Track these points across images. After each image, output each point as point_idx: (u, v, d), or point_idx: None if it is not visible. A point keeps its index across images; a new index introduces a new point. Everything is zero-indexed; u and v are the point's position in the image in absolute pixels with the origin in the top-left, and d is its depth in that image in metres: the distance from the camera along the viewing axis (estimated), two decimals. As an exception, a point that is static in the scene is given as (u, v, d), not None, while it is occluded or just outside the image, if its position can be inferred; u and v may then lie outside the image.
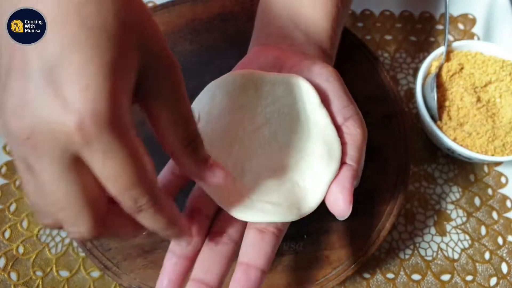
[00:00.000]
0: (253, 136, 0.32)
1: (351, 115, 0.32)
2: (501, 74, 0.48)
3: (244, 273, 0.28)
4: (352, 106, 0.33)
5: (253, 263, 0.28)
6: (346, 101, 0.33)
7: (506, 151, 0.45)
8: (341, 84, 0.34)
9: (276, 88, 0.33)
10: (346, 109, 0.32)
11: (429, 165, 0.50)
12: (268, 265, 0.28)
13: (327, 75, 0.33)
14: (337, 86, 0.33)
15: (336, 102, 0.32)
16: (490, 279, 0.45)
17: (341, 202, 0.28)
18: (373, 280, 0.45)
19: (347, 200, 0.28)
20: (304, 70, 0.34)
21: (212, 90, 0.32)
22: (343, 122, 0.32)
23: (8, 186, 0.48)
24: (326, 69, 0.34)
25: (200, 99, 0.32)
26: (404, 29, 0.58)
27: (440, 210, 0.48)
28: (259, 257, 0.28)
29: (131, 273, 0.40)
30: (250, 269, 0.28)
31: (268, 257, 0.28)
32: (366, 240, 0.41)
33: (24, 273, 0.44)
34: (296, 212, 0.29)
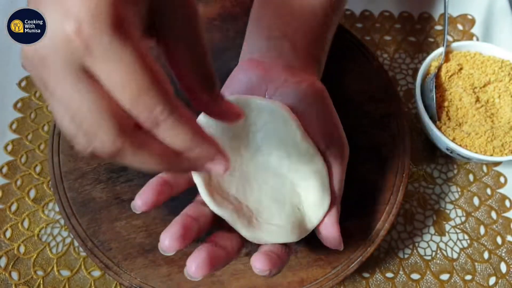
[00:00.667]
0: (250, 163, 0.33)
1: (334, 141, 0.34)
2: (500, 75, 0.48)
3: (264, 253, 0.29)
4: (336, 131, 0.34)
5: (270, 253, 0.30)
6: (330, 125, 0.34)
7: (505, 151, 0.45)
8: (326, 105, 0.34)
9: (262, 114, 0.33)
10: (329, 136, 0.34)
11: (428, 165, 0.51)
12: (282, 256, 0.30)
13: (313, 98, 0.34)
14: (322, 109, 0.34)
15: (320, 129, 0.33)
16: (489, 279, 0.45)
17: (334, 245, 0.33)
18: (372, 279, 0.45)
19: (338, 243, 0.33)
20: (290, 93, 0.34)
21: (205, 118, 0.32)
22: (325, 149, 0.33)
23: (9, 186, 0.48)
24: (312, 88, 0.34)
25: None
26: (403, 29, 0.59)
27: (439, 210, 0.48)
28: (273, 250, 0.30)
29: (132, 273, 0.40)
30: (270, 253, 0.29)
31: (282, 254, 0.30)
32: (365, 239, 0.41)
33: (25, 272, 0.44)
34: (298, 233, 0.32)
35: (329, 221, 0.33)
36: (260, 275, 0.29)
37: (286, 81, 0.34)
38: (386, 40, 0.58)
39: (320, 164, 0.33)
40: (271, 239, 0.31)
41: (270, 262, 0.28)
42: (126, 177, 0.44)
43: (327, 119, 0.34)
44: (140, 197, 0.28)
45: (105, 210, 0.42)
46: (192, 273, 0.26)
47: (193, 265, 0.26)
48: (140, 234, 0.41)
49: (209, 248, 0.27)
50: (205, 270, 0.26)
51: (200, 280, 0.39)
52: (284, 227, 0.31)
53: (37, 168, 0.49)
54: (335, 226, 0.32)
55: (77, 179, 0.43)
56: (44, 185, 0.48)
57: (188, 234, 0.27)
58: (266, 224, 0.31)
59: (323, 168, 0.33)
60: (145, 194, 0.28)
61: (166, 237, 0.26)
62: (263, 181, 0.33)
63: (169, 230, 0.27)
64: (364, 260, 0.41)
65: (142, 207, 0.27)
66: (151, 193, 0.28)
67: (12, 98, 0.52)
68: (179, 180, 0.30)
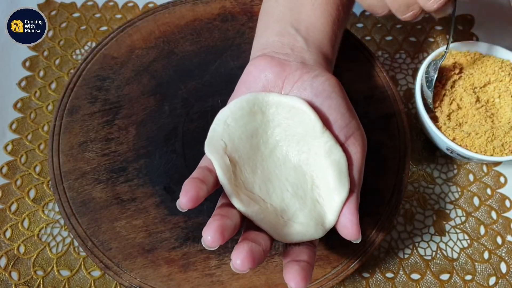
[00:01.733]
0: (270, 159, 0.34)
1: (353, 132, 0.34)
2: (500, 75, 0.48)
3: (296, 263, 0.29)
4: (354, 121, 0.35)
5: (299, 259, 0.30)
6: (348, 118, 0.34)
7: (505, 151, 0.45)
8: (343, 98, 0.35)
9: (280, 110, 0.34)
10: (348, 127, 0.34)
11: (428, 165, 0.51)
12: (312, 262, 0.31)
13: (329, 91, 0.34)
14: (339, 102, 0.34)
15: (338, 121, 0.34)
16: (489, 279, 0.45)
17: (353, 234, 0.32)
18: (372, 279, 0.45)
19: (358, 231, 0.32)
20: (306, 87, 0.34)
21: (223, 118, 0.34)
22: (345, 140, 0.34)
23: (9, 186, 0.48)
24: (328, 82, 0.35)
25: (215, 129, 0.33)
26: (404, 29, 0.59)
27: (439, 210, 0.48)
28: (303, 256, 0.31)
29: (132, 273, 0.40)
30: (299, 261, 0.30)
31: (311, 257, 0.31)
32: (365, 239, 0.41)
33: (25, 272, 0.44)
34: (322, 229, 0.32)
35: (349, 208, 0.32)
36: (259, 276, 0.29)
37: (302, 76, 0.35)
38: (386, 40, 0.58)
39: (339, 154, 0.33)
40: (298, 237, 0.31)
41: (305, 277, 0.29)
42: (126, 177, 0.44)
43: (345, 111, 0.34)
44: (184, 195, 0.28)
45: (105, 210, 0.42)
46: (239, 267, 0.27)
47: (238, 260, 0.27)
48: (140, 234, 0.41)
49: (248, 243, 0.28)
50: (250, 264, 0.27)
51: (200, 280, 0.40)
52: (308, 224, 0.32)
53: (37, 168, 0.49)
54: (354, 214, 0.32)
55: (77, 179, 0.43)
56: (44, 185, 0.48)
57: (226, 229, 0.28)
58: (291, 222, 0.32)
59: (342, 158, 0.33)
60: (188, 192, 0.28)
61: (208, 234, 0.27)
62: (284, 177, 0.33)
63: (209, 226, 0.28)
64: (364, 260, 0.41)
65: (187, 204, 0.28)
66: (193, 189, 0.28)
67: (12, 98, 0.52)
68: (208, 178, 0.30)
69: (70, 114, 0.46)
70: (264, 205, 0.32)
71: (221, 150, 0.32)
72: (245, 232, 0.31)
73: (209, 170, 0.31)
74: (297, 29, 0.38)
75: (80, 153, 0.45)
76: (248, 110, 0.34)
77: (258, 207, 0.31)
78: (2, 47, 0.55)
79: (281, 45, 0.38)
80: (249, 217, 0.30)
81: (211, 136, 0.33)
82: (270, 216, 0.31)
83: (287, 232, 0.31)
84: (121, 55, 0.49)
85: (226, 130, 0.33)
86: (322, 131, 0.33)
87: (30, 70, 0.54)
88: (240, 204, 0.30)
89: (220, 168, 0.31)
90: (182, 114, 0.47)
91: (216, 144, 0.32)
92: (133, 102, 0.47)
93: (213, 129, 0.33)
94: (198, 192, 0.28)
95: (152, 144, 0.45)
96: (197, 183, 0.29)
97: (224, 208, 0.31)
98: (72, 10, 0.59)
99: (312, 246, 0.32)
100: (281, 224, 0.31)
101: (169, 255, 0.41)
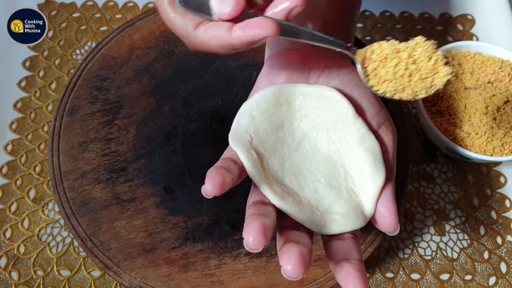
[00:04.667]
0: (298, 152, 0.33)
1: (384, 120, 0.34)
2: (500, 75, 0.48)
3: (347, 263, 0.27)
4: (384, 111, 0.34)
5: (349, 257, 0.28)
6: (378, 106, 0.34)
7: (505, 151, 0.45)
8: None
9: (307, 100, 0.33)
10: (379, 115, 0.33)
11: (428, 165, 0.51)
12: (361, 258, 0.28)
13: (357, 81, 0.34)
14: (369, 91, 0.34)
15: (369, 109, 0.33)
16: (489, 279, 0.45)
17: (391, 225, 0.30)
18: (372, 279, 0.45)
19: (396, 222, 0.30)
20: (333, 77, 0.34)
21: (248, 111, 0.32)
22: (377, 128, 0.33)
23: (9, 186, 0.48)
24: (354, 73, 0.34)
25: (239, 121, 0.32)
26: (404, 29, 0.59)
27: (439, 210, 0.48)
28: (353, 253, 0.28)
29: (132, 273, 0.40)
30: (350, 260, 0.28)
31: (359, 253, 0.29)
32: (365, 239, 0.41)
33: (25, 272, 0.44)
34: (363, 217, 0.30)
35: (386, 196, 0.31)
36: (259, 276, 0.28)
37: (327, 67, 0.34)
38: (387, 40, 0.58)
39: (372, 141, 0.32)
40: (338, 228, 0.29)
41: (363, 278, 0.27)
42: (126, 177, 0.44)
43: (375, 100, 0.34)
44: (210, 181, 0.26)
45: (105, 210, 0.42)
46: (291, 274, 0.25)
47: (289, 266, 0.25)
48: (140, 234, 0.41)
49: (297, 246, 0.26)
50: (303, 268, 0.25)
51: (200, 280, 0.40)
52: (347, 213, 0.30)
53: (37, 168, 0.49)
54: (392, 202, 0.30)
55: (77, 179, 0.43)
56: (44, 185, 0.48)
57: (268, 228, 0.26)
58: (329, 213, 0.30)
59: (376, 145, 0.32)
60: (215, 178, 0.26)
61: (250, 235, 0.25)
62: (315, 169, 0.32)
63: (250, 227, 0.25)
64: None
65: (213, 190, 0.26)
66: (220, 175, 0.27)
67: (12, 98, 0.52)
68: (233, 168, 0.28)
69: (70, 114, 0.46)
70: (298, 198, 0.30)
71: (247, 143, 0.30)
72: (283, 232, 0.28)
73: (233, 161, 0.29)
74: (314, 24, 0.37)
75: (80, 153, 0.45)
76: (273, 101, 0.33)
77: (292, 199, 0.29)
78: (2, 47, 0.54)
79: None
80: (284, 210, 0.28)
81: (235, 129, 0.32)
82: (306, 208, 0.29)
83: (327, 223, 0.29)
84: (121, 55, 0.49)
85: (252, 122, 0.32)
86: (355, 117, 0.32)
87: (30, 70, 0.54)
88: (274, 196, 0.28)
89: (248, 160, 0.29)
90: (182, 114, 0.47)
91: (242, 137, 0.31)
92: (133, 102, 0.47)
93: (238, 121, 0.32)
94: (225, 178, 0.27)
95: (152, 144, 0.45)
96: (222, 171, 0.27)
97: (257, 205, 0.28)
98: (72, 10, 0.59)
99: (356, 238, 0.30)
100: (318, 216, 0.29)
101: (169, 255, 0.41)
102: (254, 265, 0.40)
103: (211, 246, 0.41)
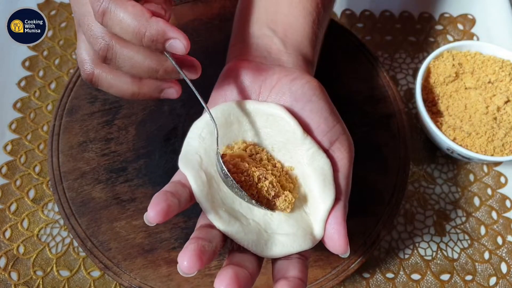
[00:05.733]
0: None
1: (338, 136, 0.32)
2: (500, 74, 0.48)
3: (285, 280, 0.27)
4: (338, 125, 0.32)
5: (289, 275, 0.28)
6: (331, 121, 0.32)
7: (505, 151, 0.45)
8: (326, 101, 0.33)
9: (257, 119, 0.32)
10: (332, 131, 0.32)
11: (429, 165, 0.50)
12: (304, 277, 0.28)
13: (310, 95, 0.32)
14: (321, 106, 0.32)
15: (321, 126, 0.32)
16: (490, 279, 0.45)
17: (340, 247, 0.29)
18: (372, 279, 0.45)
19: (345, 244, 0.29)
20: (285, 92, 0.32)
21: (198, 132, 0.32)
22: (329, 146, 0.32)
23: (8, 186, 0.48)
24: (309, 85, 0.32)
25: (189, 143, 0.32)
26: (404, 29, 0.58)
27: (439, 210, 0.48)
28: (293, 271, 0.28)
29: (131, 273, 0.40)
30: (288, 278, 0.27)
31: (302, 272, 0.28)
32: (366, 240, 0.41)
33: (25, 272, 0.44)
34: (311, 239, 0.30)
35: (334, 217, 0.30)
36: (259, 276, 0.28)
37: (280, 80, 0.33)
38: (387, 40, 0.58)
39: (322, 161, 0.31)
40: (284, 250, 0.29)
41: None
42: (125, 177, 0.44)
43: (328, 115, 0.32)
44: (153, 208, 0.26)
45: (104, 210, 0.42)
46: None
47: (222, 287, 0.25)
48: (139, 234, 0.41)
49: (233, 268, 0.26)
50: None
51: (200, 280, 0.39)
52: (295, 234, 0.29)
53: (36, 168, 0.49)
54: (341, 224, 0.30)
55: (76, 179, 0.43)
56: (43, 185, 0.48)
57: (205, 252, 0.26)
58: (276, 235, 0.29)
59: (326, 165, 0.31)
60: (158, 205, 0.26)
61: (184, 259, 0.25)
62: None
63: (185, 251, 0.25)
64: (364, 260, 0.40)
65: (156, 218, 0.26)
66: (164, 202, 0.26)
67: (11, 98, 0.52)
68: (181, 193, 0.28)
69: (69, 114, 0.46)
70: (246, 221, 0.29)
71: (197, 165, 0.30)
72: (229, 255, 0.29)
73: (182, 185, 0.29)
74: (274, 31, 0.36)
75: (80, 153, 0.44)
76: (223, 121, 0.32)
77: (238, 224, 0.29)
78: (2, 47, 0.54)
79: (257, 48, 0.36)
80: (228, 235, 0.28)
81: (185, 151, 0.31)
82: (252, 232, 0.29)
83: (271, 246, 0.29)
84: (121, 55, 0.49)
85: (202, 144, 0.31)
86: (303, 137, 0.31)
87: (30, 70, 0.54)
88: (219, 222, 0.28)
89: (196, 183, 0.29)
90: (182, 114, 0.47)
91: (192, 159, 0.30)
92: (133, 102, 0.47)
93: (188, 143, 0.32)
94: (170, 205, 0.26)
95: (152, 144, 0.45)
96: (168, 196, 0.27)
97: (203, 229, 0.28)
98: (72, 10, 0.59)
99: (303, 259, 0.29)
100: (264, 239, 0.29)
101: (169, 255, 0.40)
102: (254, 266, 0.40)
103: (211, 246, 0.41)
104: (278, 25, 0.37)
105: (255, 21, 0.38)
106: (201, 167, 0.30)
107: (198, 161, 0.30)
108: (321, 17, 0.39)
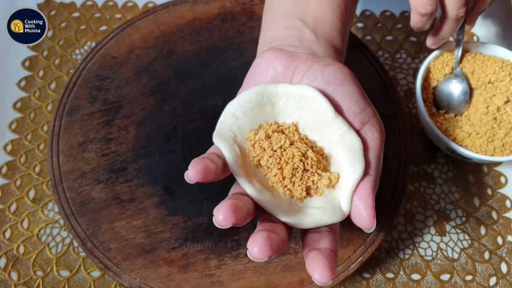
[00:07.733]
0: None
1: (369, 118, 0.33)
2: (500, 75, 0.48)
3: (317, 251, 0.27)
4: (370, 108, 0.33)
5: (321, 246, 0.28)
6: (362, 104, 0.33)
7: (505, 151, 0.45)
8: (357, 86, 0.34)
9: (290, 100, 0.33)
10: (363, 113, 0.33)
11: (429, 165, 0.50)
12: (335, 249, 0.28)
13: (342, 79, 0.33)
14: (353, 89, 0.33)
15: (353, 108, 0.32)
16: (490, 279, 0.45)
17: (366, 218, 0.29)
18: (372, 280, 0.45)
19: (372, 216, 0.29)
20: (317, 76, 0.33)
21: (232, 112, 0.33)
22: (360, 127, 0.32)
23: (8, 186, 0.48)
24: (340, 70, 0.34)
25: (223, 122, 0.33)
26: (405, 29, 0.58)
27: (439, 210, 0.48)
28: (324, 243, 0.28)
29: (131, 273, 0.40)
30: (320, 249, 0.28)
31: (333, 244, 0.28)
32: (366, 240, 0.41)
33: (25, 273, 0.44)
34: (341, 212, 0.30)
35: (363, 190, 0.30)
36: (259, 276, 0.28)
37: (312, 66, 0.34)
38: (387, 40, 0.58)
39: (353, 139, 0.31)
40: (315, 221, 0.29)
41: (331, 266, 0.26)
42: (125, 177, 0.44)
43: (359, 98, 0.33)
44: (193, 168, 0.27)
45: (104, 210, 0.42)
46: (256, 255, 0.25)
47: (255, 248, 0.25)
48: (139, 234, 0.41)
49: (266, 232, 0.26)
50: (268, 251, 0.25)
51: (200, 281, 0.40)
52: (325, 207, 0.30)
53: (36, 168, 0.49)
54: (369, 195, 0.29)
55: (76, 179, 0.43)
56: (43, 185, 0.48)
57: (239, 209, 0.26)
58: (307, 208, 0.30)
59: (356, 142, 0.31)
60: (198, 164, 0.27)
61: (220, 212, 0.26)
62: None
63: (220, 205, 0.26)
64: (364, 260, 0.41)
65: (196, 176, 0.27)
66: (203, 162, 0.27)
67: (11, 98, 0.52)
68: (216, 161, 0.29)
69: (69, 114, 0.46)
70: (277, 194, 0.30)
71: (231, 139, 0.31)
72: (260, 224, 0.29)
73: (217, 156, 0.29)
74: (305, 22, 0.37)
75: (80, 153, 0.45)
76: (257, 102, 0.33)
77: (270, 194, 0.29)
78: (2, 47, 0.54)
79: (289, 38, 0.37)
80: (261, 204, 0.29)
81: (219, 129, 0.32)
82: (284, 203, 0.30)
83: (303, 217, 0.29)
84: (121, 55, 0.49)
85: (235, 122, 0.32)
86: (334, 117, 0.32)
87: (30, 70, 0.54)
88: (252, 189, 0.29)
89: (230, 154, 0.30)
90: (182, 114, 0.47)
91: (226, 134, 0.31)
92: (133, 102, 0.47)
93: (222, 122, 0.32)
94: (208, 166, 0.27)
95: (152, 144, 0.45)
96: (206, 160, 0.28)
97: (235, 195, 0.29)
98: (72, 9, 0.59)
99: (333, 232, 0.30)
100: (296, 210, 0.30)
101: (169, 255, 0.41)
102: (254, 266, 0.40)
103: (211, 246, 0.41)
104: (308, 17, 0.38)
105: (285, 14, 0.39)
106: (234, 141, 0.31)
107: (232, 136, 0.31)
108: (348, 9, 0.40)
